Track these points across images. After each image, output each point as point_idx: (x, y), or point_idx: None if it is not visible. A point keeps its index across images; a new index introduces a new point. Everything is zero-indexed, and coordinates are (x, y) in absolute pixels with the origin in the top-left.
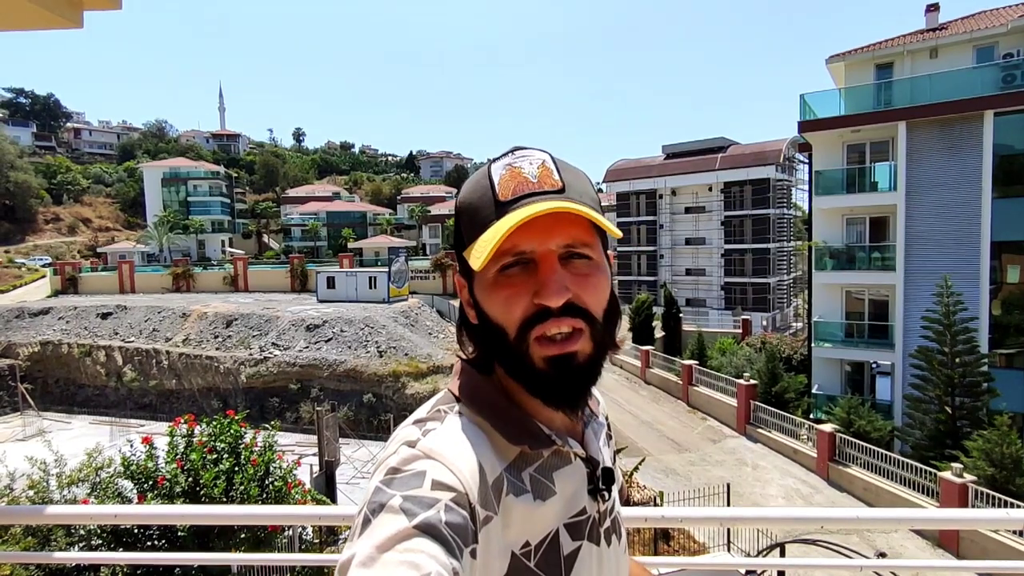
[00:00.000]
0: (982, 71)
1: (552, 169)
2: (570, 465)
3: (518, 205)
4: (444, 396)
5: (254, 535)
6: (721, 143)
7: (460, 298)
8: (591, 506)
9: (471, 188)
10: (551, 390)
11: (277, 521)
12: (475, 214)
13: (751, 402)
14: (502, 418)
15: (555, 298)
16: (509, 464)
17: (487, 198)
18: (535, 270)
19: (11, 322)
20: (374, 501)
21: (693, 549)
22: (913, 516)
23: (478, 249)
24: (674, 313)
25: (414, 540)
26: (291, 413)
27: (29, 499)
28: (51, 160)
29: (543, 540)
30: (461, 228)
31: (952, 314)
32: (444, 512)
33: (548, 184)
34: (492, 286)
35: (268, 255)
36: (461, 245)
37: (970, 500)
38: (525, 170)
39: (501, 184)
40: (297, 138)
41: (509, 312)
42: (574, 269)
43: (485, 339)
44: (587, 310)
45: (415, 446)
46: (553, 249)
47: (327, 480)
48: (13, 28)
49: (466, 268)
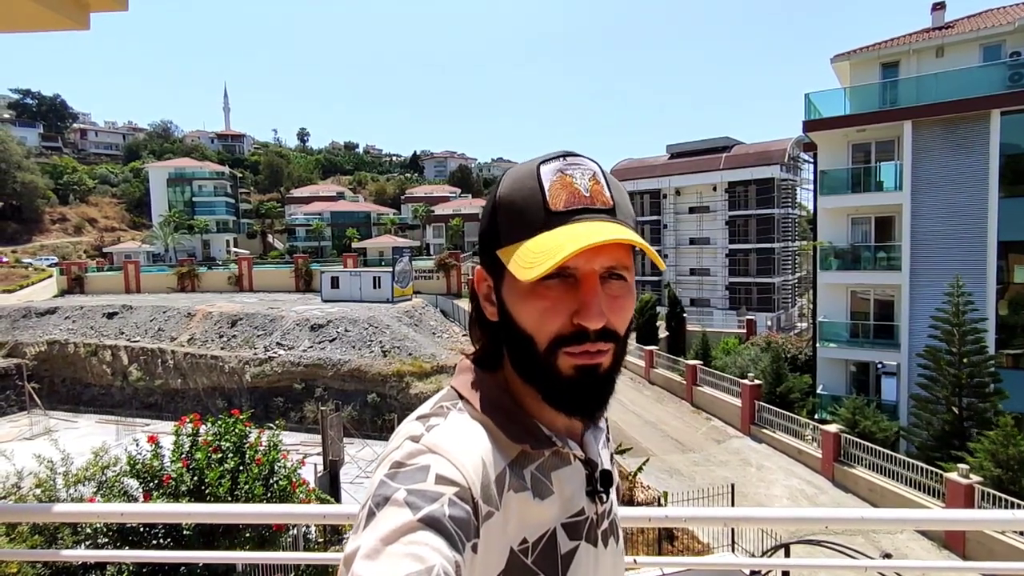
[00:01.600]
0: (989, 70)
1: (603, 185)
2: (569, 466)
3: (572, 220)
4: (447, 393)
5: (259, 534)
6: (725, 143)
7: (478, 290)
8: (589, 507)
9: (516, 186)
10: (574, 398)
11: (282, 520)
12: (520, 215)
13: (755, 402)
14: (505, 417)
15: (596, 321)
16: (511, 461)
17: (535, 201)
18: (575, 286)
19: (18, 322)
20: (379, 494)
21: (697, 549)
22: (918, 517)
23: (526, 257)
24: (678, 313)
25: (418, 533)
26: (295, 413)
27: (36, 497)
28: (57, 161)
29: (541, 538)
30: (499, 224)
31: (962, 314)
32: (448, 506)
33: (600, 201)
34: (528, 294)
35: (272, 255)
36: (495, 240)
37: (976, 501)
38: (577, 181)
39: (552, 191)
40: (301, 138)
41: (544, 325)
42: (610, 290)
43: (508, 343)
44: (616, 332)
45: (419, 441)
46: (597, 269)
47: (331, 479)
48: (20, 29)
49: (494, 263)
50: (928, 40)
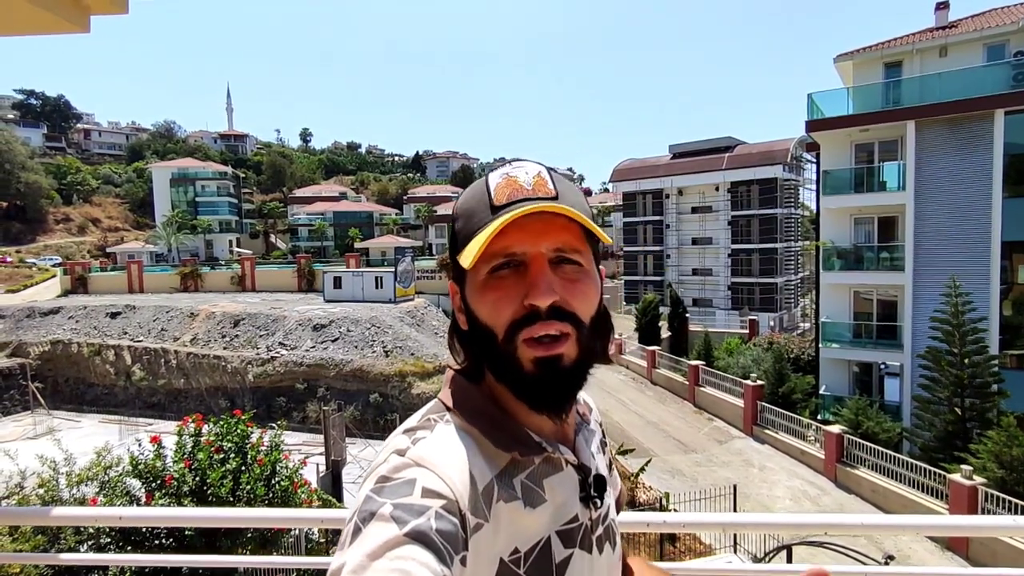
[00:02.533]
0: (992, 69)
1: (547, 179)
2: (561, 472)
3: (510, 208)
4: (434, 405)
5: (261, 535)
6: (728, 143)
7: (452, 304)
8: (583, 513)
9: (468, 196)
10: (536, 393)
11: (285, 524)
12: (469, 218)
13: (758, 403)
14: (492, 425)
15: (543, 298)
16: (500, 471)
17: (483, 203)
18: (525, 272)
19: (22, 321)
20: (364, 509)
21: (699, 550)
22: (918, 523)
23: (470, 249)
24: (680, 313)
25: (405, 547)
26: (298, 412)
27: (39, 497)
28: (61, 161)
29: (534, 547)
30: (456, 233)
31: (961, 314)
32: (435, 520)
33: (542, 192)
34: (482, 288)
35: (275, 255)
36: (455, 250)
37: (980, 503)
38: (520, 179)
39: (496, 191)
40: (304, 138)
41: (498, 313)
42: (563, 274)
43: (475, 343)
44: (575, 314)
45: (404, 454)
46: (543, 252)
47: (333, 480)
48: (21, 32)
49: (459, 273)
50: (932, 40)
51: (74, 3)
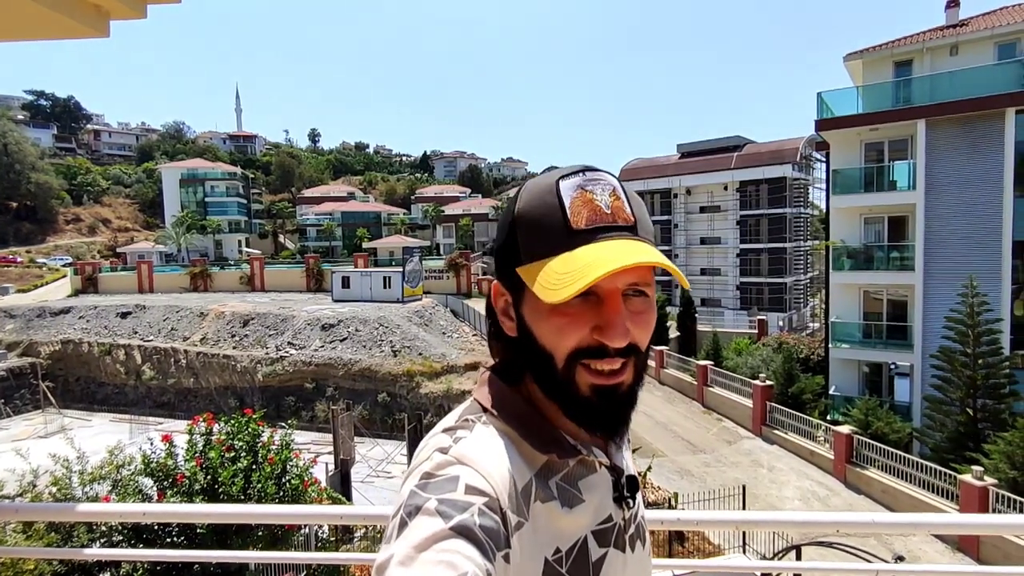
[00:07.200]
0: (1003, 68)
1: (624, 201)
2: (596, 474)
3: (595, 239)
4: (471, 405)
5: (271, 532)
6: (737, 142)
7: (495, 305)
8: (616, 513)
9: (535, 202)
10: (594, 418)
11: (304, 520)
12: (540, 233)
13: (767, 403)
14: (529, 428)
15: (620, 340)
16: (537, 472)
17: (556, 219)
18: (596, 303)
19: (33, 321)
20: (410, 504)
21: (708, 550)
22: (929, 521)
23: (550, 278)
24: (689, 313)
25: (450, 541)
26: (307, 412)
27: (52, 495)
28: (71, 161)
29: (573, 547)
30: (518, 241)
31: (976, 314)
32: (478, 516)
33: (621, 218)
34: (549, 312)
35: (284, 255)
36: (514, 257)
37: (991, 504)
38: (597, 197)
39: (573, 209)
40: (312, 139)
41: (562, 339)
42: (632, 306)
43: (524, 356)
44: (638, 347)
45: (447, 452)
46: (620, 287)
47: (342, 478)
48: (42, 37)
49: (513, 280)
50: (942, 38)
51: (94, 8)
